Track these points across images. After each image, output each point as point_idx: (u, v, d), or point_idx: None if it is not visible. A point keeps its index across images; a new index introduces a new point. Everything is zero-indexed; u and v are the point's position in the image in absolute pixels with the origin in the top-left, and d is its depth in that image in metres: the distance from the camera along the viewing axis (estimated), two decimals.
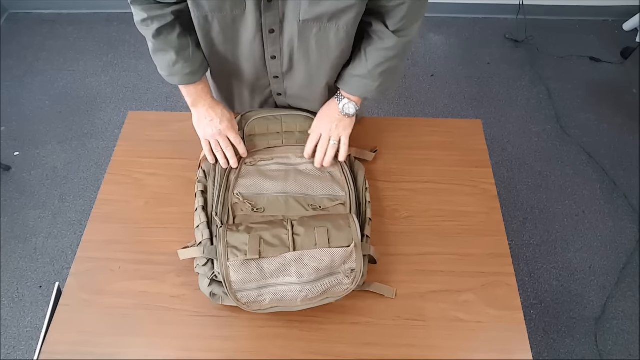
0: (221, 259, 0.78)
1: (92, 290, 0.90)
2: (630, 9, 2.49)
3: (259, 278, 0.78)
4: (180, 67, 0.88)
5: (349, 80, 0.93)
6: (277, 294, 0.79)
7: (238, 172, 0.94)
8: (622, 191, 1.91)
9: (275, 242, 0.79)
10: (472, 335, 0.85)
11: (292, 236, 0.79)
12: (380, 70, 0.89)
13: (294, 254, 0.78)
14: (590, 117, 2.16)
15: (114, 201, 1.02)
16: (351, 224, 0.82)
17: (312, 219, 0.84)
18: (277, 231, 0.80)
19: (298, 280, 0.79)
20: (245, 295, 0.79)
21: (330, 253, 0.79)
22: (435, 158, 1.09)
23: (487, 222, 0.99)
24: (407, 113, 2.17)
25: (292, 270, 0.78)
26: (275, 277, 0.79)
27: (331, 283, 0.81)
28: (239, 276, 0.78)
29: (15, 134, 2.07)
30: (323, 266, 0.79)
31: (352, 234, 0.81)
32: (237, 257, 0.77)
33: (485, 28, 2.55)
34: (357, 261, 0.80)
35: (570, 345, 1.55)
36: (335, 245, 0.79)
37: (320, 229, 0.80)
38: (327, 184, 0.94)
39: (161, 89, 2.25)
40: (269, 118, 1.00)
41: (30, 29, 2.52)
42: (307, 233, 0.80)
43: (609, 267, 1.71)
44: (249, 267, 0.78)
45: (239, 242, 0.79)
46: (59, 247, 1.74)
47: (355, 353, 0.83)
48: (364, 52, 0.89)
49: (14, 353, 1.52)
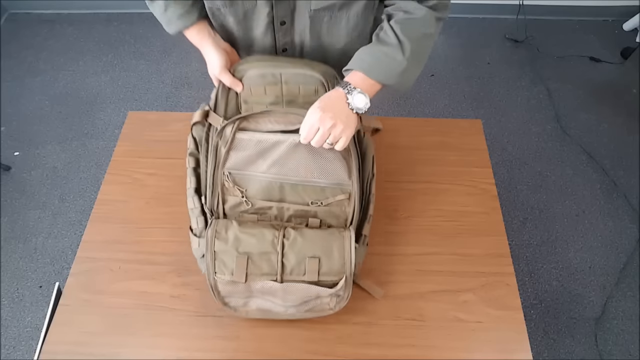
0: (209, 269, 0.78)
1: (92, 290, 0.90)
2: (630, 9, 2.49)
3: (246, 295, 0.80)
4: (172, 11, 0.84)
5: (366, 57, 0.77)
6: (263, 307, 0.82)
7: (230, 144, 0.80)
8: (622, 191, 1.91)
9: (263, 267, 0.78)
10: (472, 335, 0.85)
11: (281, 261, 0.78)
12: (408, 47, 0.74)
13: (281, 285, 0.78)
14: (590, 117, 2.16)
15: (114, 201, 1.02)
16: (345, 251, 0.79)
17: (305, 238, 0.79)
18: (266, 248, 0.78)
19: (283, 304, 0.81)
20: (233, 301, 0.82)
21: (317, 290, 0.79)
22: (435, 158, 1.09)
23: (487, 222, 0.99)
24: (407, 113, 2.17)
25: (278, 296, 0.80)
26: (261, 296, 0.81)
27: (316, 304, 0.82)
28: (226, 290, 0.80)
29: (15, 134, 2.07)
30: (309, 297, 0.80)
31: (344, 266, 0.78)
32: (224, 275, 0.78)
33: (485, 28, 2.55)
34: (344, 290, 0.80)
35: (570, 345, 1.54)
36: (324, 278, 0.78)
37: (312, 260, 0.78)
38: (333, 165, 0.81)
39: (161, 89, 2.25)
40: (266, 76, 0.82)
41: (30, 29, 2.52)
42: (298, 261, 0.78)
43: (609, 267, 1.71)
44: (236, 285, 0.79)
45: (226, 256, 0.78)
46: (59, 247, 1.74)
47: (355, 353, 0.83)
48: (388, 26, 0.76)
49: (14, 353, 1.52)
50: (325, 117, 0.73)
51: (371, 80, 0.77)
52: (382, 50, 0.76)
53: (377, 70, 0.76)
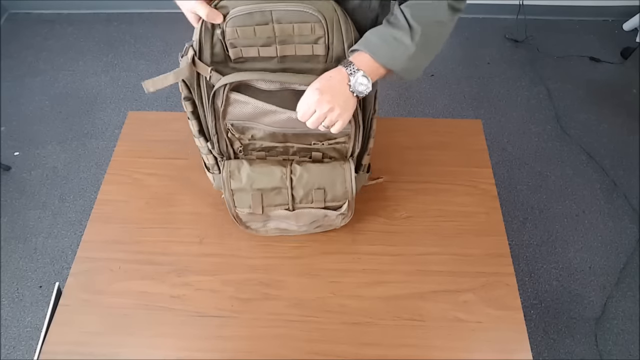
0: (229, 203, 0.89)
1: (92, 290, 0.90)
2: (630, 9, 2.49)
3: (264, 219, 0.94)
4: None
5: (374, 39, 0.73)
6: (280, 226, 0.96)
7: (224, 100, 0.77)
8: (622, 191, 1.91)
9: (276, 200, 0.88)
10: (472, 335, 0.85)
11: (291, 194, 0.87)
12: (418, 31, 0.70)
13: (293, 212, 0.90)
14: (590, 117, 2.16)
15: (114, 201, 1.02)
16: (347, 182, 0.87)
17: (310, 173, 0.87)
18: (277, 183, 0.86)
19: (296, 224, 0.94)
20: (253, 225, 0.95)
21: (324, 212, 0.91)
22: (435, 158, 1.09)
23: (487, 222, 0.99)
24: (407, 113, 2.17)
25: (292, 219, 0.93)
26: (278, 220, 0.94)
27: (324, 222, 0.95)
28: (247, 218, 0.93)
29: (15, 134, 2.07)
30: (318, 218, 0.93)
31: (346, 193, 0.88)
32: (244, 208, 0.90)
33: (485, 28, 2.55)
34: (348, 210, 0.92)
35: (570, 345, 1.54)
36: (330, 202, 0.90)
37: (318, 191, 0.88)
38: None
39: (161, 89, 2.25)
40: (254, 15, 0.72)
41: (30, 29, 2.52)
42: (305, 193, 0.88)
43: (609, 267, 1.71)
44: (254, 214, 0.91)
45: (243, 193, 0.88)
46: (59, 247, 1.74)
47: (355, 353, 0.83)
48: (398, 10, 0.72)
49: (14, 353, 1.52)
50: (322, 100, 0.71)
51: (376, 63, 0.73)
52: (391, 33, 0.72)
53: (383, 53, 0.72)
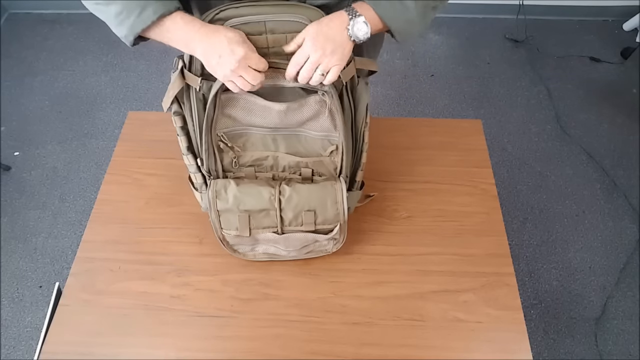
0: (216, 225, 0.86)
1: (92, 290, 0.90)
2: (630, 9, 2.49)
3: (252, 243, 0.89)
4: None
5: None
6: (268, 251, 0.91)
7: (216, 108, 0.78)
8: (622, 191, 1.91)
9: (264, 222, 0.85)
10: (472, 335, 0.85)
11: (279, 216, 0.84)
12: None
13: (282, 236, 0.87)
14: (590, 117, 2.16)
15: (114, 201, 1.02)
16: (338, 202, 0.84)
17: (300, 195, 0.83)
18: (265, 205, 0.83)
19: (285, 249, 0.90)
20: (241, 248, 0.91)
21: (314, 237, 0.88)
22: (435, 158, 1.09)
23: (487, 222, 0.99)
24: (407, 113, 2.17)
25: (280, 243, 0.89)
26: (266, 244, 0.90)
27: (315, 247, 0.91)
28: (234, 241, 0.89)
29: (15, 134, 2.07)
30: (308, 243, 0.89)
31: (338, 215, 0.85)
32: (230, 230, 0.86)
33: (485, 28, 2.55)
34: (339, 234, 0.88)
35: (570, 345, 1.54)
36: (321, 225, 0.86)
37: (308, 213, 0.84)
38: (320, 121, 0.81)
39: (161, 89, 2.25)
40: (250, 26, 0.72)
41: (30, 29, 2.52)
42: (295, 215, 0.85)
43: (609, 267, 1.71)
44: (241, 237, 0.87)
45: (229, 214, 0.84)
46: (59, 247, 1.74)
47: (355, 353, 0.83)
48: None
49: (14, 353, 1.52)
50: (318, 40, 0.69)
51: (376, 15, 0.73)
52: None
53: (387, 8, 0.73)
